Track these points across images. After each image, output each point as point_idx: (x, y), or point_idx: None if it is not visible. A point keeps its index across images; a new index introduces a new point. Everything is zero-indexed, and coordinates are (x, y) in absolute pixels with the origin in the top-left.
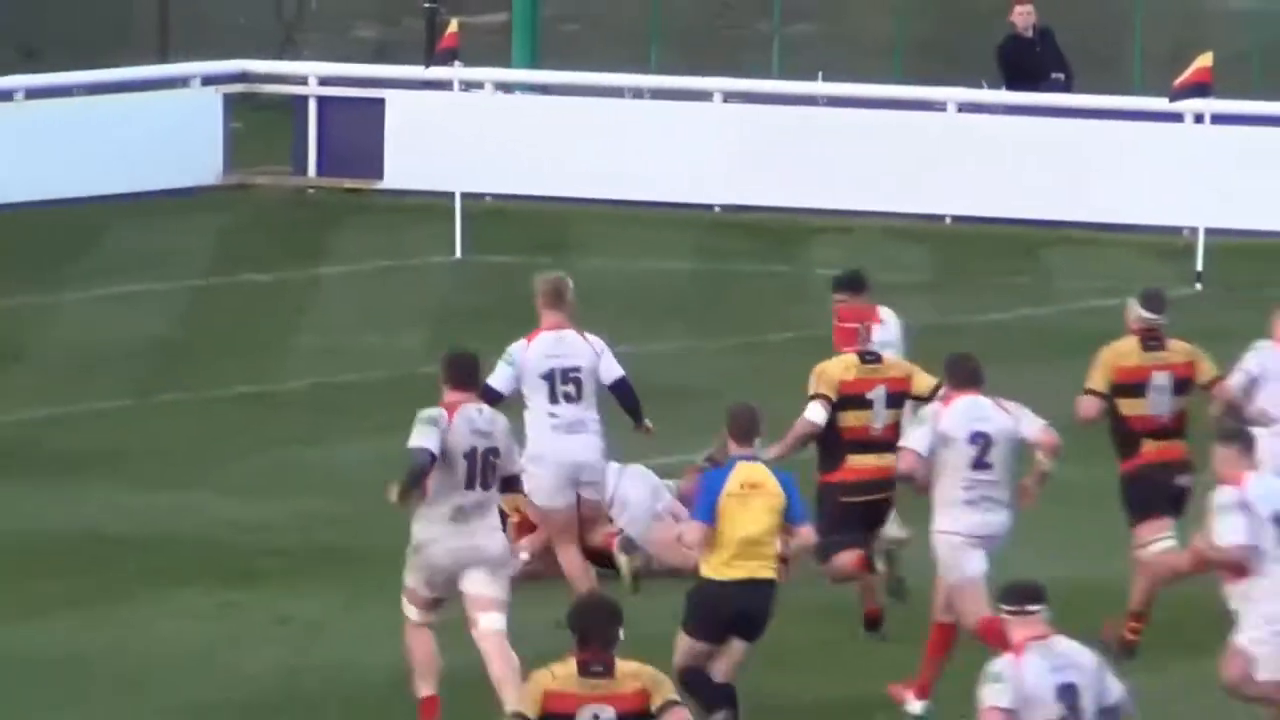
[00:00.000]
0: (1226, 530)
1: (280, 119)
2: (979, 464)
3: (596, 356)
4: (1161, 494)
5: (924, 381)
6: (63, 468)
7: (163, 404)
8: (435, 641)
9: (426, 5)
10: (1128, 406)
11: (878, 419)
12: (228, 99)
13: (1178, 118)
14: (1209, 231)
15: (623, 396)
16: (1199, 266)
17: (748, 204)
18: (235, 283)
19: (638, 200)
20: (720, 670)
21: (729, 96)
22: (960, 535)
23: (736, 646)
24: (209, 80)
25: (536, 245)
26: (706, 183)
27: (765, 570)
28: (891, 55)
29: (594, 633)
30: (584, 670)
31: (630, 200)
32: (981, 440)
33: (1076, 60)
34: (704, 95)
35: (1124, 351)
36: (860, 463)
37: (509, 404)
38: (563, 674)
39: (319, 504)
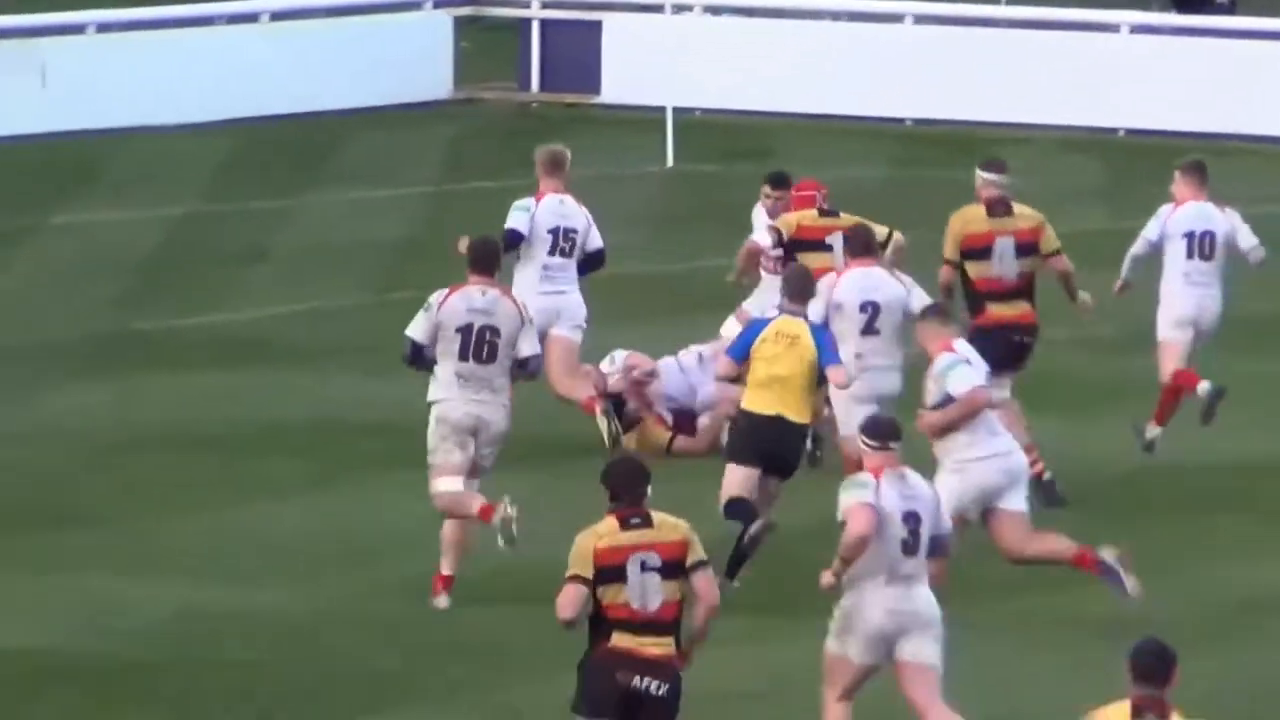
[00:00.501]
0: (963, 380)
1: (505, 39)
2: (868, 329)
3: (588, 224)
4: (1002, 350)
5: (881, 230)
6: (303, 359)
7: (398, 300)
8: (462, 528)
9: None
10: (974, 270)
11: (838, 260)
12: (457, 20)
13: None
14: None
15: (595, 265)
16: None
17: (935, 118)
18: (465, 190)
19: (835, 114)
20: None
21: (919, 19)
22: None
23: (772, 483)
24: (440, 3)
25: (741, 155)
26: (897, 97)
27: (795, 413)
28: None
29: (625, 489)
30: (624, 524)
31: (828, 114)
32: (871, 308)
33: None
34: (896, 18)
35: (970, 218)
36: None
37: None
38: (606, 531)
39: (532, 391)
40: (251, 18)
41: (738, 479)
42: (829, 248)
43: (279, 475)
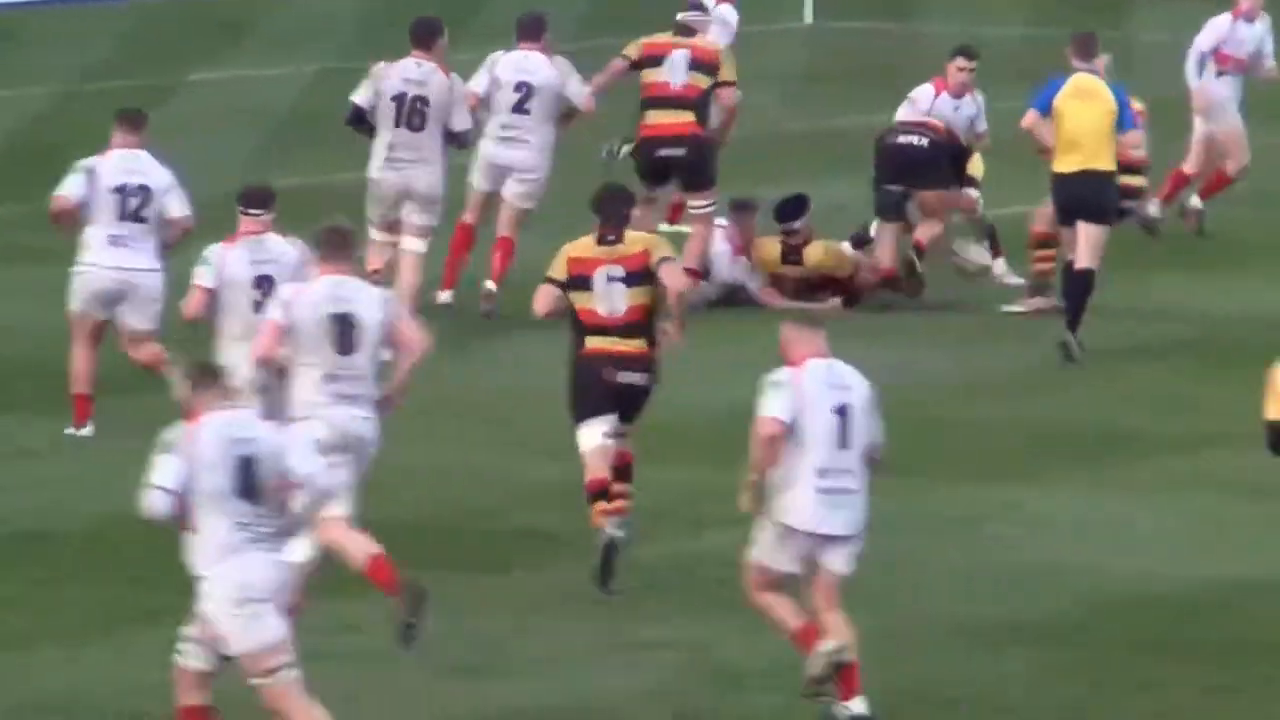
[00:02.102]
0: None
1: None
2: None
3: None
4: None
5: None
6: None
7: None
8: None
9: None
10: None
11: None
12: None
13: None
14: None
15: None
16: None
17: None
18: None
19: None
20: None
21: None
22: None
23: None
24: None
25: (883, 11)
26: None
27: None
28: None
29: (610, 211)
30: (600, 240)
31: None
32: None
33: None
34: None
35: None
36: None
37: None
38: (582, 244)
39: None
40: None
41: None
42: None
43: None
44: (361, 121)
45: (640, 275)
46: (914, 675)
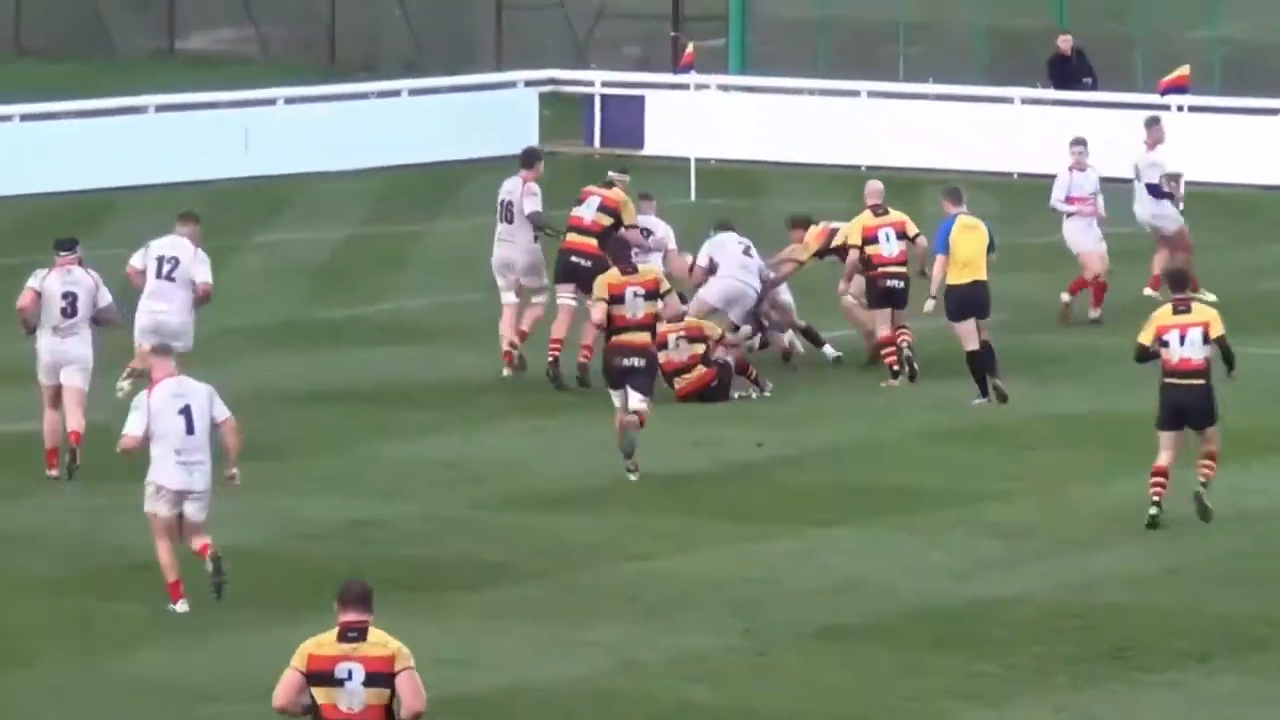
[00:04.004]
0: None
1: (575, 108)
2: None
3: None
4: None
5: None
6: (430, 338)
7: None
8: None
9: (673, 34)
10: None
11: None
12: (542, 95)
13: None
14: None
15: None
16: None
17: (881, 164)
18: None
19: (807, 162)
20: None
21: (872, 94)
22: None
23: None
24: (529, 83)
25: (744, 192)
26: (855, 148)
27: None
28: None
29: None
30: (623, 273)
31: (802, 162)
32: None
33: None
34: (853, 93)
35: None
36: None
37: None
38: (613, 274)
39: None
40: (394, 93)
41: (964, 333)
42: None
43: (414, 421)
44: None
45: (653, 294)
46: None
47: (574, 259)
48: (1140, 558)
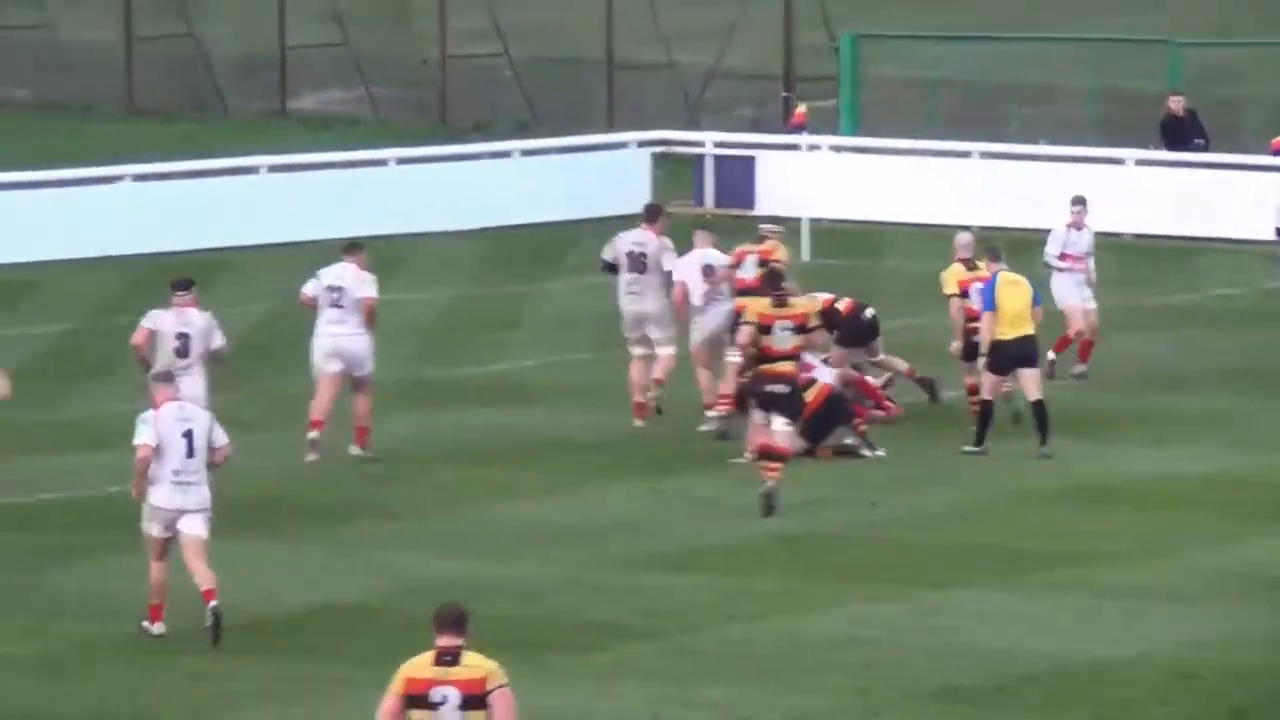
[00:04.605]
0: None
1: (687, 168)
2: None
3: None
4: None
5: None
6: (541, 398)
7: (611, 357)
8: None
9: (784, 95)
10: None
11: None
12: (654, 156)
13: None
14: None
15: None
16: None
17: (996, 225)
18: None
19: (920, 222)
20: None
21: (984, 155)
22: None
23: (1025, 373)
24: (641, 144)
25: (858, 252)
26: (967, 208)
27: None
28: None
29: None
30: (774, 305)
31: (916, 222)
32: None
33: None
34: (965, 154)
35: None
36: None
37: None
38: (762, 303)
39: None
40: (505, 154)
41: (992, 384)
42: None
43: (528, 480)
44: (612, 270)
45: (801, 328)
46: None
47: None
48: (1261, 618)
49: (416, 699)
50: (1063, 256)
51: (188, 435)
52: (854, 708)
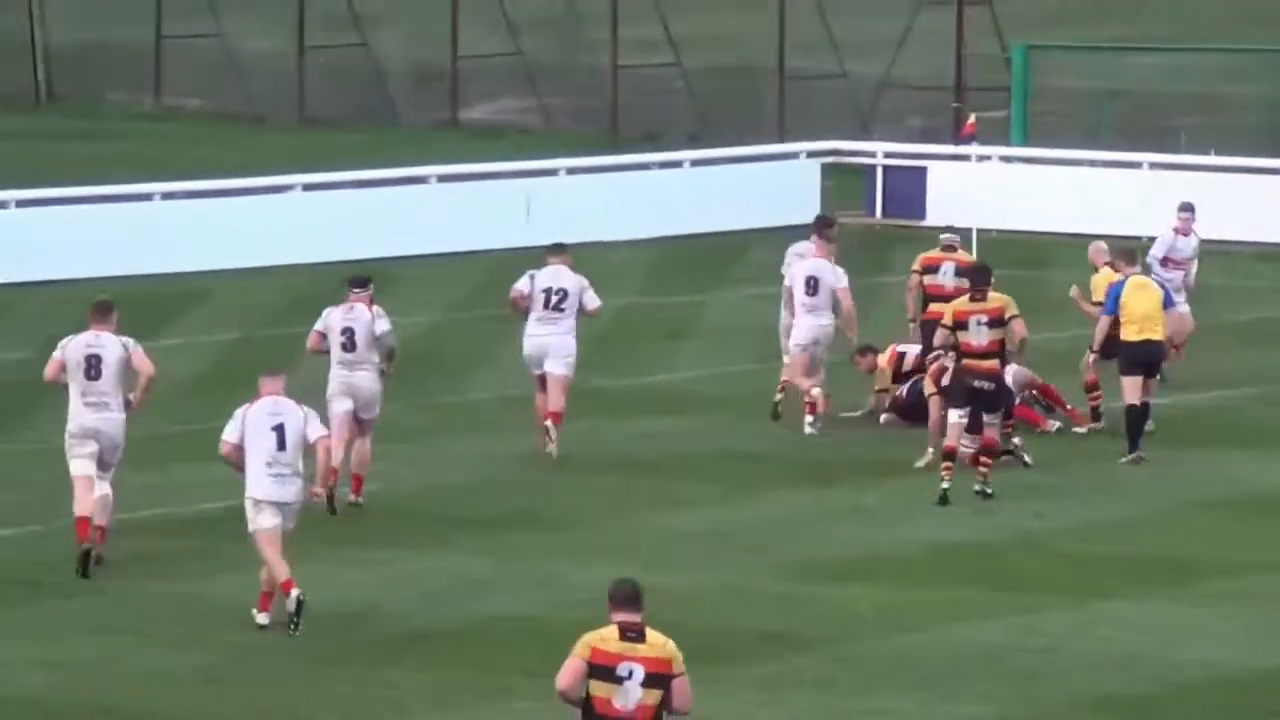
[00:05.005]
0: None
1: (857, 179)
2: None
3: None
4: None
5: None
6: (708, 408)
7: (774, 366)
8: None
9: (954, 105)
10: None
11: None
12: (824, 166)
13: None
14: None
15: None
16: None
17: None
18: None
19: (1092, 233)
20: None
21: (1153, 165)
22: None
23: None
24: (811, 154)
25: (1026, 263)
26: (1138, 219)
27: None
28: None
29: (979, 281)
30: (971, 299)
31: (1089, 233)
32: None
33: None
34: (1135, 165)
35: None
36: None
37: None
38: (960, 302)
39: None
40: (676, 164)
41: (1129, 387)
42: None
43: (692, 491)
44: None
45: (997, 321)
46: None
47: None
48: None
49: (602, 670)
50: (1165, 261)
51: (278, 429)
52: (1015, 716)
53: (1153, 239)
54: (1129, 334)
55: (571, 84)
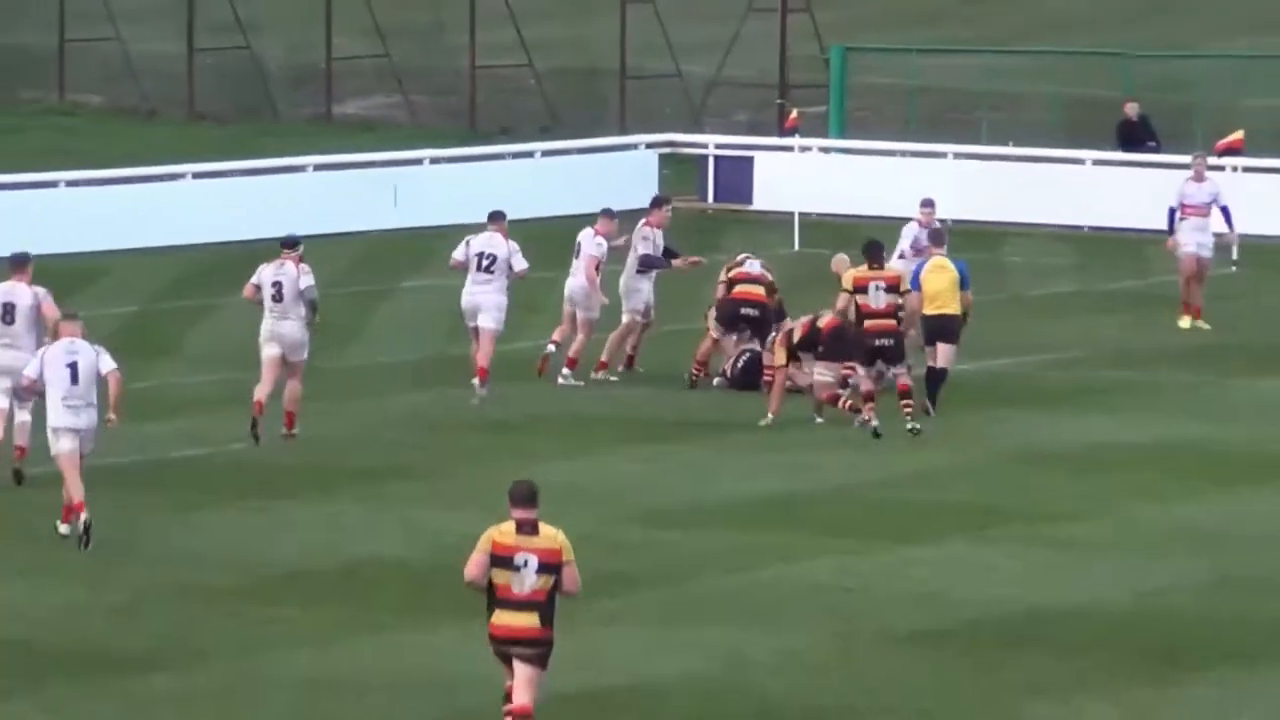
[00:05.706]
0: None
1: (691, 167)
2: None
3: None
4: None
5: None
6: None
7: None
8: None
9: (779, 101)
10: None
11: None
12: (661, 156)
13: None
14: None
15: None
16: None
17: (962, 218)
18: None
19: (904, 216)
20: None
21: (957, 155)
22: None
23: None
24: (650, 145)
25: (843, 243)
26: (943, 204)
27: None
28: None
29: (874, 254)
30: (869, 268)
31: (900, 216)
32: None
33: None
34: (940, 155)
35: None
36: None
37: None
38: (859, 270)
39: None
40: (529, 154)
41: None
42: None
43: (542, 447)
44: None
45: (893, 287)
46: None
47: (744, 309)
48: (1202, 571)
49: (502, 560)
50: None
51: (72, 366)
52: (830, 647)
53: (957, 222)
54: (928, 309)
55: (434, 83)
